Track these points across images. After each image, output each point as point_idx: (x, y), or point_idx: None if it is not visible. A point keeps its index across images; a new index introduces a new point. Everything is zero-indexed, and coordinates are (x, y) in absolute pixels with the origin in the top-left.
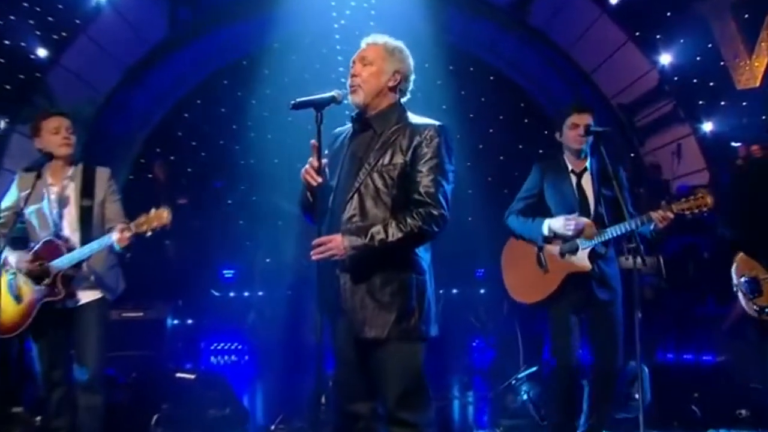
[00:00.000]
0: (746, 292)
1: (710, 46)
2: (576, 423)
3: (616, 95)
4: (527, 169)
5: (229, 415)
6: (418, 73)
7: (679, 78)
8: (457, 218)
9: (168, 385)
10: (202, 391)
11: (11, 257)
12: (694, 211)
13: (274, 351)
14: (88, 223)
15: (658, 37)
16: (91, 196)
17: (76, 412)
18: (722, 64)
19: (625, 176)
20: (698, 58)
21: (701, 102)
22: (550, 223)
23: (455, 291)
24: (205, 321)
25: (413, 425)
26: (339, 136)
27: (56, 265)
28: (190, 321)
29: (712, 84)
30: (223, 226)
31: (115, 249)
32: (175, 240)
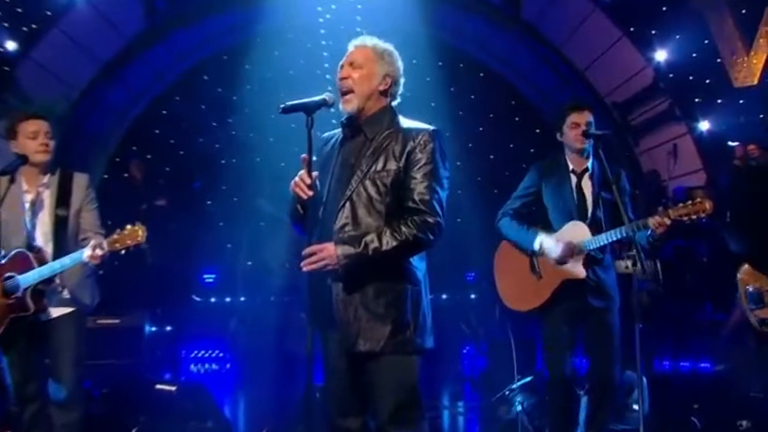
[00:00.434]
0: (749, 302)
1: (707, 42)
2: None
3: (610, 93)
4: (518, 169)
5: (211, 428)
6: (406, 69)
7: (675, 75)
8: (446, 220)
9: (146, 397)
10: (182, 403)
11: None
12: (692, 216)
13: (258, 359)
14: (63, 234)
15: (653, 32)
16: (67, 205)
17: (51, 429)
18: (719, 60)
19: (627, 180)
20: (694, 55)
21: (697, 100)
22: (542, 240)
23: (444, 296)
24: (185, 328)
25: None
26: (328, 141)
27: (25, 279)
28: (168, 328)
29: (708, 81)
30: (202, 229)
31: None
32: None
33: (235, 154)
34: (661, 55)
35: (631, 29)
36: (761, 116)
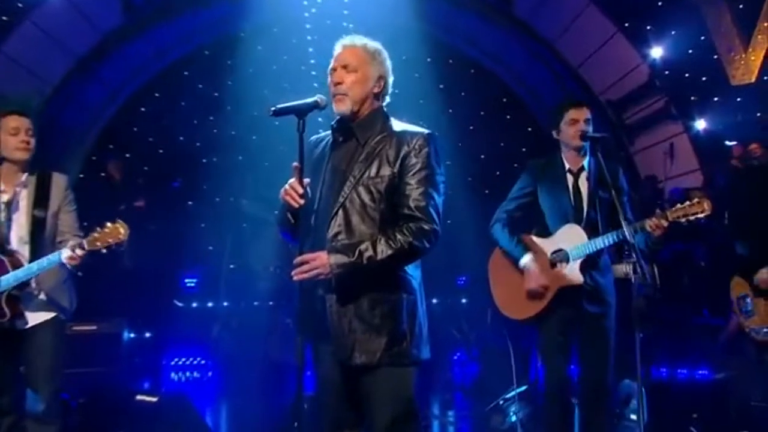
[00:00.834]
0: (741, 312)
1: (703, 38)
2: None
3: (604, 91)
4: (510, 169)
5: None
6: (394, 65)
7: (671, 72)
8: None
9: (126, 408)
10: (164, 415)
11: None
12: (690, 218)
13: (241, 367)
14: (40, 236)
15: (649, 28)
16: (45, 206)
17: None
18: (716, 57)
19: (626, 180)
20: (690, 51)
21: (693, 98)
22: (526, 264)
23: (435, 301)
24: (165, 334)
25: None
26: (317, 145)
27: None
28: (148, 334)
29: (705, 79)
30: (183, 230)
31: (65, 266)
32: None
33: (216, 153)
34: (656, 52)
35: (626, 25)
36: (758, 114)
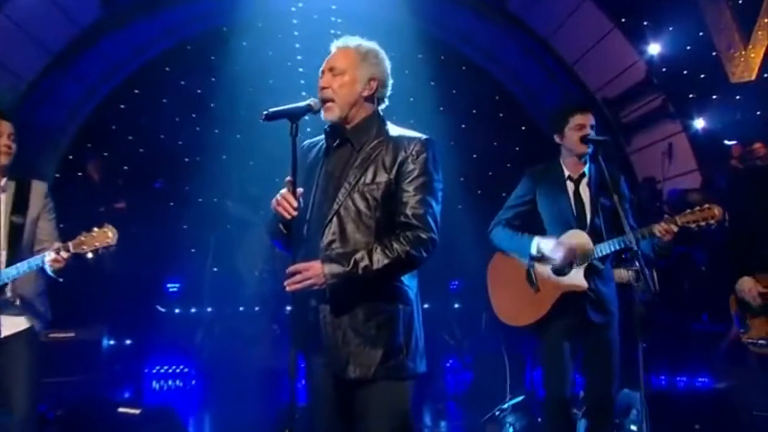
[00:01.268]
0: (738, 327)
1: (702, 34)
2: None
3: (600, 89)
4: (503, 169)
5: None
6: None
7: (668, 70)
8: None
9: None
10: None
11: None
12: (700, 223)
13: (226, 375)
14: (18, 242)
15: (646, 24)
16: (23, 212)
17: None
18: (715, 54)
19: (627, 186)
20: (689, 48)
21: (691, 96)
22: (539, 243)
23: (426, 306)
24: (147, 341)
25: None
26: (311, 150)
27: None
28: (128, 341)
29: (703, 76)
30: (165, 233)
31: (46, 272)
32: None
33: (199, 152)
34: (654, 49)
35: (623, 21)
36: (758, 113)
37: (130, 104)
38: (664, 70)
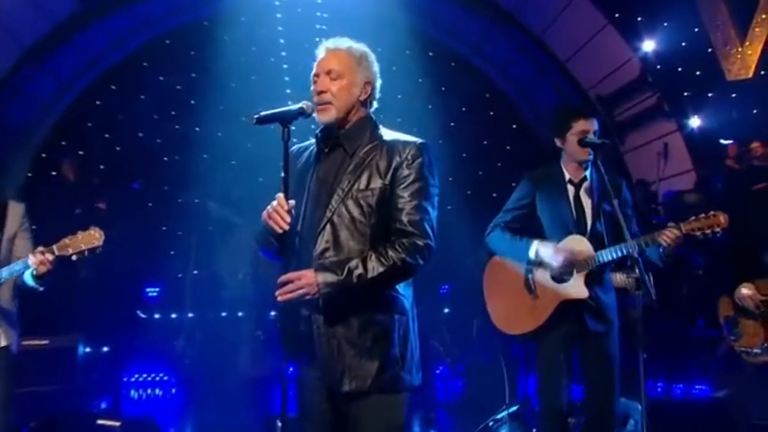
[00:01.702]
0: (728, 334)
1: (697, 30)
2: None
3: (593, 86)
4: (494, 168)
5: None
6: None
7: (663, 67)
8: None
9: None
10: None
11: None
12: (705, 231)
13: (208, 383)
14: None
15: (640, 20)
16: (0, 228)
17: None
18: (710, 51)
19: (630, 191)
20: (684, 44)
21: (687, 94)
22: (538, 248)
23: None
24: (125, 348)
25: None
26: (301, 154)
27: None
28: (105, 348)
29: (699, 74)
30: (144, 235)
31: (26, 283)
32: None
33: (179, 151)
34: (648, 45)
35: (616, 16)
36: (755, 111)
37: (107, 101)
38: (658, 67)
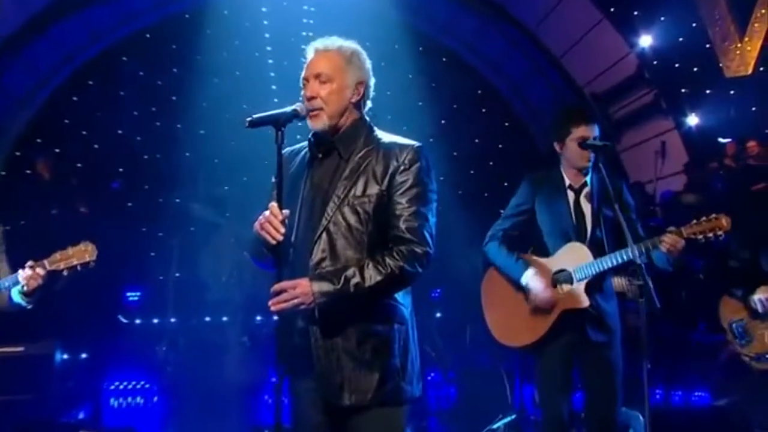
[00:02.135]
0: (736, 339)
1: (695, 25)
2: None
3: (588, 83)
4: (485, 167)
5: None
6: None
7: (660, 63)
8: None
9: None
10: None
11: None
12: (707, 234)
13: (191, 391)
14: None
15: (636, 14)
16: None
17: None
18: (708, 46)
19: (631, 194)
20: (681, 40)
21: (684, 90)
22: (529, 280)
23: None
24: (104, 355)
25: None
26: (293, 159)
27: None
28: (84, 355)
29: (696, 70)
30: (123, 236)
31: (13, 301)
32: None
33: (160, 149)
34: (645, 41)
35: (612, 10)
36: (753, 109)
37: (84, 96)
38: (655, 63)
